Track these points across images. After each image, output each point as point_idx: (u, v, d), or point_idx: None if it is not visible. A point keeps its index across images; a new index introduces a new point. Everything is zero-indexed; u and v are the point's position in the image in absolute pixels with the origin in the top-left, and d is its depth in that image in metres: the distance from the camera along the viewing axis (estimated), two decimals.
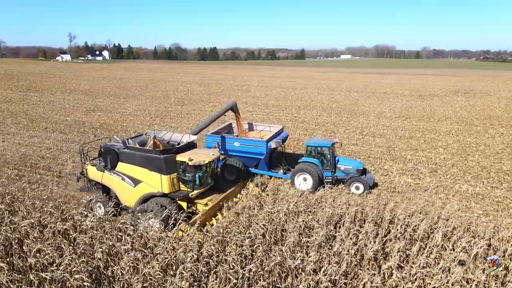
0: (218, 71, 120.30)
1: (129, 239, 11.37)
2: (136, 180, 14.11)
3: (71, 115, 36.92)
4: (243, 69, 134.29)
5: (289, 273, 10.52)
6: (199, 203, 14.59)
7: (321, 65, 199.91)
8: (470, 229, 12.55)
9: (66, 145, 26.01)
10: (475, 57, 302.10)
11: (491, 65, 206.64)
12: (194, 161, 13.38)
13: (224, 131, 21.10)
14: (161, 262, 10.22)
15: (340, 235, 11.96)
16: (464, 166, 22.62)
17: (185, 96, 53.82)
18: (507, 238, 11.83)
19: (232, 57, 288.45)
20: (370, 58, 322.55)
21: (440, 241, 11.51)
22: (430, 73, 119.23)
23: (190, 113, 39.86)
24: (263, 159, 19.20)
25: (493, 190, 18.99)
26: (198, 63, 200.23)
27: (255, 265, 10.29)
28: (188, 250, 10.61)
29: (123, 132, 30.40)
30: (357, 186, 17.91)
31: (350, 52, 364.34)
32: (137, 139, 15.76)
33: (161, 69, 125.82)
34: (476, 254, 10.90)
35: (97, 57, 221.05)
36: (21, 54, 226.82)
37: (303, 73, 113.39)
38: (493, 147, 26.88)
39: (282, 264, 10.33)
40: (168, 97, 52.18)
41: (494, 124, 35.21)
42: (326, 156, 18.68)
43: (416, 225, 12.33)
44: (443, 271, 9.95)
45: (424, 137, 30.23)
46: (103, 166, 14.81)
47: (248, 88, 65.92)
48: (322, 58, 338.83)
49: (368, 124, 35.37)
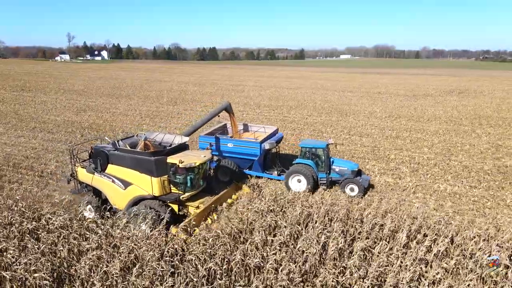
0: (216, 71, 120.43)
1: (95, 238, 11.43)
2: (126, 183, 13.94)
3: (61, 115, 37.04)
4: (241, 69, 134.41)
5: (251, 271, 10.63)
6: (191, 206, 14.32)
7: (320, 65, 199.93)
8: (435, 227, 12.60)
9: (51, 145, 26.10)
10: (475, 57, 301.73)
11: (491, 65, 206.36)
12: (185, 163, 13.17)
13: (218, 131, 20.92)
14: (123, 261, 10.28)
15: (306, 233, 12.02)
16: (446, 166, 22.67)
17: (178, 96, 53.91)
18: (470, 237, 11.89)
19: (231, 57, 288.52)
20: (370, 58, 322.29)
21: (404, 240, 11.57)
22: (428, 73, 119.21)
23: (180, 113, 39.96)
24: (257, 160, 19.04)
25: (471, 190, 19.04)
26: (197, 63, 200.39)
27: (215, 263, 10.36)
28: (150, 248, 10.66)
29: (111, 132, 30.50)
30: (352, 187, 17.67)
31: (350, 52, 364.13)
32: (128, 141, 15.51)
33: (159, 69, 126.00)
34: (437, 252, 10.98)
35: (96, 57, 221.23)
36: (20, 54, 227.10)
37: (301, 73, 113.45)
38: (478, 147, 26.92)
39: (242, 262, 10.39)
40: (161, 97, 52.28)
41: (483, 124, 35.24)
42: (321, 157, 18.45)
43: (382, 224, 12.39)
44: (401, 269, 10.01)
45: (411, 136, 30.28)
46: (93, 168, 14.59)
47: (242, 88, 66.01)
48: (321, 58, 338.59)
49: (357, 124, 35.42)
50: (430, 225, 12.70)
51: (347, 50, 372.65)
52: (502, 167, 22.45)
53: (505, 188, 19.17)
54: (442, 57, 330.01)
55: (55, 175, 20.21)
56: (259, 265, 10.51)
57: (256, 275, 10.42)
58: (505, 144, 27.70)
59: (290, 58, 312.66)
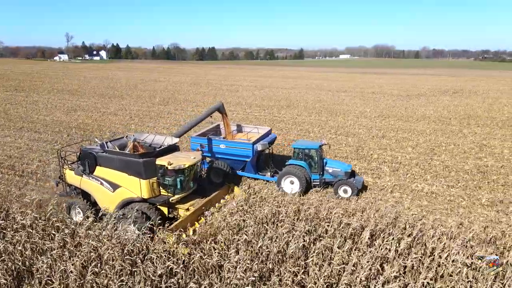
0: (213, 71, 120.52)
1: (59, 237, 11.49)
2: (115, 185, 13.73)
3: (50, 114, 37.14)
4: (238, 70, 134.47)
5: (213, 270, 10.70)
6: (181, 208, 14.09)
7: (319, 65, 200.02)
8: (401, 226, 12.66)
9: (36, 145, 26.20)
10: (474, 57, 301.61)
11: (490, 65, 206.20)
12: (174, 165, 12.93)
13: (211, 132, 20.67)
14: (82, 259, 10.35)
15: (272, 232, 12.07)
16: (427, 166, 22.71)
17: (171, 95, 54.00)
18: (434, 235, 11.94)
19: (230, 57, 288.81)
20: (369, 58, 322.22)
21: (367, 238, 11.63)
22: (425, 73, 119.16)
23: (170, 113, 40.04)
24: (249, 162, 18.85)
25: (448, 189, 19.08)
26: (196, 63, 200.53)
27: (175, 262, 10.43)
28: (111, 247, 10.73)
29: (98, 132, 30.58)
30: (345, 189, 17.53)
31: (350, 52, 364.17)
32: (117, 142, 15.33)
33: (156, 69, 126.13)
34: (400, 251, 11.04)
35: (95, 57, 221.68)
36: (20, 54, 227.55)
37: (298, 73, 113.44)
38: (462, 147, 26.95)
39: (201, 261, 10.46)
40: (154, 97, 52.36)
41: (471, 124, 35.26)
42: (314, 159, 18.23)
43: (347, 223, 12.45)
44: (356, 268, 10.07)
45: (397, 136, 30.31)
46: (81, 170, 14.37)
47: (236, 88, 66.09)
48: (321, 58, 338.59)
49: (345, 123, 35.47)
50: (395, 224, 12.75)
51: (346, 50, 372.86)
52: (483, 167, 22.49)
53: (482, 188, 19.22)
54: (442, 57, 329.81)
55: (35, 175, 20.30)
56: (219, 264, 10.57)
57: (216, 274, 10.49)
58: (489, 144, 27.73)
59: (289, 58, 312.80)
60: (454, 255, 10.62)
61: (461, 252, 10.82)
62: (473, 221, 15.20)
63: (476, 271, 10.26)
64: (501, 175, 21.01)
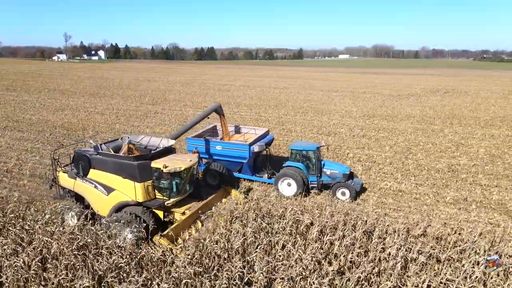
0: (210, 71, 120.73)
1: (14, 232, 11.76)
2: (109, 188, 13.43)
3: (37, 114, 37.41)
4: (236, 69, 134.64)
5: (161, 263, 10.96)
6: (176, 212, 13.84)
7: (318, 65, 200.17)
8: (351, 223, 12.89)
9: (17, 143, 26.47)
10: (474, 57, 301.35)
11: (488, 65, 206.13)
12: (169, 167, 12.61)
13: (207, 133, 20.51)
14: (30, 255, 10.59)
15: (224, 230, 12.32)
16: (400, 164, 22.92)
17: (162, 95, 54.24)
18: (390, 231, 12.20)
19: (229, 57, 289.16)
20: (369, 58, 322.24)
21: (316, 235, 11.86)
22: (423, 73, 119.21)
23: (157, 112, 40.27)
24: (246, 163, 18.62)
25: (416, 187, 19.30)
26: (194, 63, 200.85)
27: (119, 255, 10.69)
28: (61, 243, 10.98)
29: (81, 131, 30.83)
30: (343, 191, 17.42)
31: (349, 52, 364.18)
32: (111, 144, 15.09)
33: (153, 69, 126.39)
34: (345, 245, 11.28)
35: (93, 57, 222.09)
36: (19, 54, 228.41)
37: (295, 73, 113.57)
38: (439, 146, 27.15)
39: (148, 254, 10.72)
40: (144, 96, 52.61)
41: (454, 124, 35.44)
42: (312, 160, 18.05)
43: (297, 219, 12.69)
44: (296, 263, 10.31)
45: (377, 135, 30.52)
46: (75, 173, 14.10)
47: (229, 88, 66.32)
48: (320, 58, 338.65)
49: (329, 123, 35.68)
50: (346, 221, 12.98)
51: (346, 50, 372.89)
52: (455, 165, 22.70)
53: (449, 186, 19.42)
54: (441, 57, 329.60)
55: (10, 173, 20.58)
56: (165, 259, 10.83)
57: (162, 267, 10.74)
58: (466, 143, 27.92)
59: (288, 58, 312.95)
60: (396, 250, 10.84)
61: (403, 248, 11.04)
62: (432, 218, 15.43)
63: (416, 265, 10.49)
64: (471, 174, 21.22)
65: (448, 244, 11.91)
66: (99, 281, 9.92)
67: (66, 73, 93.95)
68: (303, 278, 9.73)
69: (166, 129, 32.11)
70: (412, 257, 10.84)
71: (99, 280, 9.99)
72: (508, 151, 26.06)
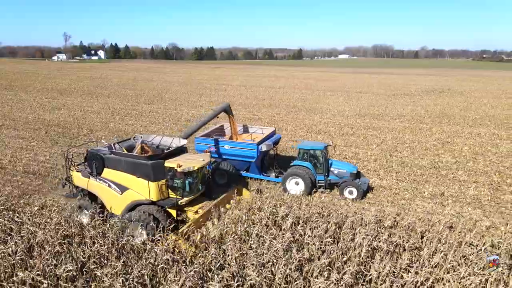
0: (208, 71, 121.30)
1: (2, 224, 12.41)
2: (122, 187, 13.61)
3: (34, 113, 38.09)
4: (234, 69, 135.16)
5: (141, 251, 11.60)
6: (190, 211, 14.01)
7: (317, 64, 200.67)
8: (325, 215, 13.53)
9: (13, 141, 27.15)
10: (473, 57, 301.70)
11: (488, 65, 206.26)
12: (183, 167, 12.83)
13: (215, 133, 20.80)
14: (20, 243, 11.22)
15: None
16: (384, 162, 23.52)
17: (158, 94, 54.89)
18: (364, 223, 12.85)
19: (229, 57, 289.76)
20: (368, 58, 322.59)
21: (289, 226, 12.48)
22: (421, 73, 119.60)
23: (152, 111, 40.91)
24: (254, 162, 18.88)
25: (397, 183, 19.89)
26: (193, 63, 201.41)
27: (103, 243, 11.34)
28: (47, 233, 11.62)
29: (76, 129, 31.47)
30: (351, 190, 17.57)
31: (349, 52, 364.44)
32: (124, 144, 15.29)
33: (152, 68, 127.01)
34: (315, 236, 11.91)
35: (93, 57, 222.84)
36: (19, 54, 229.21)
37: (293, 73, 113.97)
38: (425, 144, 27.76)
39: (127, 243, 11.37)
40: (141, 95, 53.27)
41: (442, 122, 36.05)
42: (319, 159, 18.27)
43: (273, 212, 13.35)
44: (268, 250, 10.94)
45: (366, 134, 31.13)
46: (89, 172, 14.31)
47: (225, 88, 66.98)
48: (319, 58, 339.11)
49: (320, 121, 36.30)
50: (321, 213, 13.62)
51: (346, 50, 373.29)
52: (438, 163, 23.31)
53: (429, 182, 20.04)
54: (441, 57, 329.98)
55: (4, 169, 21.24)
56: (145, 248, 11.48)
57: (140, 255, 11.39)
58: (452, 141, 28.53)
59: (288, 58, 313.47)
60: (362, 239, 11.47)
61: (370, 237, 11.68)
62: (408, 212, 16.07)
63: (381, 252, 11.12)
64: (452, 170, 21.83)
65: (415, 234, 12.52)
66: (81, 267, 10.56)
67: (64, 72, 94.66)
68: (273, 264, 10.35)
69: (159, 128, 32.75)
70: (379, 246, 11.45)
71: (81, 266, 10.64)
72: (491, 148, 26.67)
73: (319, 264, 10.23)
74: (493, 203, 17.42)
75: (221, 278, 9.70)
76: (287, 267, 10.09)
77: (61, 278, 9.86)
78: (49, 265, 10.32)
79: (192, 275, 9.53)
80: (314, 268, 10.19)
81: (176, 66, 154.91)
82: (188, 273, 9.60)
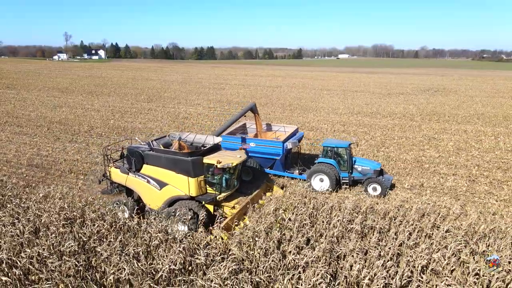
0: (207, 70, 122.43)
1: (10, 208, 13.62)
2: (162, 183, 14.03)
3: (36, 111, 39.30)
4: (234, 69, 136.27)
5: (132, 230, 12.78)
6: (226, 206, 14.46)
7: (317, 64, 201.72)
8: (304, 202, 14.75)
9: (17, 137, 28.34)
10: (473, 56, 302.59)
11: (487, 64, 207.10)
12: (223, 163, 13.20)
13: (238, 131, 21.46)
14: (26, 224, 12.41)
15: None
16: (371, 156, 24.61)
17: (157, 93, 56.09)
18: (343, 208, 14.07)
19: (229, 57, 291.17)
20: (368, 58, 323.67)
21: (271, 215, 13.65)
22: (419, 73, 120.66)
23: (151, 109, 42.10)
24: (278, 160, 19.37)
25: None
26: (193, 63, 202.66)
27: (101, 225, 12.52)
28: (50, 215, 12.81)
29: (78, 126, 32.66)
30: (375, 187, 17.98)
31: (349, 52, 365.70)
32: (161, 141, 15.66)
33: (152, 68, 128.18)
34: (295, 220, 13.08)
35: (93, 56, 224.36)
36: (20, 53, 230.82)
37: (292, 73, 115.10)
38: (412, 140, 28.91)
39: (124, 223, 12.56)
40: (140, 94, 54.47)
41: (432, 120, 37.18)
42: (343, 157, 18.80)
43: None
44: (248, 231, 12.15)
45: (356, 131, 32.28)
46: (127, 168, 14.71)
47: (223, 87, 68.11)
48: (319, 57, 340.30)
49: (314, 119, 37.44)
50: (302, 201, 14.82)
51: (346, 49, 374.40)
52: (422, 157, 24.45)
53: (410, 174, 21.19)
54: (441, 57, 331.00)
55: (9, 163, 22.44)
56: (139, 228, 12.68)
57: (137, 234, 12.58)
58: (439, 138, 29.67)
59: (288, 58, 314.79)
60: (336, 221, 12.66)
61: (344, 219, 12.86)
62: (387, 201, 17.20)
63: (352, 233, 12.30)
64: (434, 164, 22.99)
65: (388, 219, 13.69)
66: (83, 245, 11.74)
67: (65, 72, 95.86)
68: (254, 243, 11.55)
69: (157, 125, 33.92)
70: (352, 227, 12.63)
71: (83, 244, 11.82)
72: (475, 144, 27.82)
73: (296, 242, 11.41)
74: (468, 193, 18.57)
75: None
76: (267, 245, 11.27)
77: (65, 254, 11.04)
78: (53, 243, 11.51)
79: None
80: (289, 245, 11.38)
81: (176, 65, 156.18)
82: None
